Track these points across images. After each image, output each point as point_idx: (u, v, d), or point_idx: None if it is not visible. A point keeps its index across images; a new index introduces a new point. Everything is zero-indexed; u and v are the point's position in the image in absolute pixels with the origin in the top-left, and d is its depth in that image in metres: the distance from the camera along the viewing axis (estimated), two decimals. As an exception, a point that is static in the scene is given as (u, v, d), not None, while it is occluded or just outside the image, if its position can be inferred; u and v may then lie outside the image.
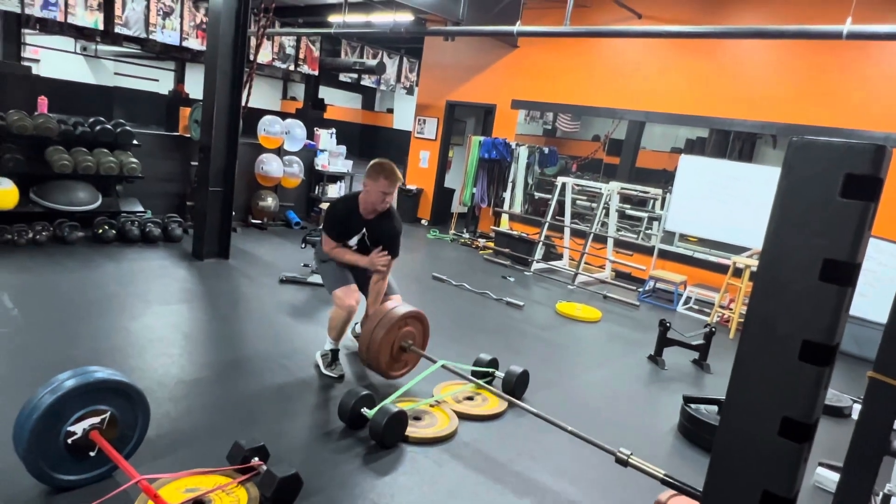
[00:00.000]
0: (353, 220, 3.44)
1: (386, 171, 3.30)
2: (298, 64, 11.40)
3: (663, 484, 2.32)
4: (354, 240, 3.51)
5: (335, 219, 3.49)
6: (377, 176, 3.30)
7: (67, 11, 8.33)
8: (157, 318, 4.12)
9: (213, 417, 2.90)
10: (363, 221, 3.44)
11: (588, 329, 5.31)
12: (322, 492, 2.39)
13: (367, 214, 3.42)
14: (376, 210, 3.39)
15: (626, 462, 2.44)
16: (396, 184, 3.34)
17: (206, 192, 5.64)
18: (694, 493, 2.20)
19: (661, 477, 2.32)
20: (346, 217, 3.45)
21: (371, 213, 3.41)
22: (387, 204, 3.38)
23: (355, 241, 3.51)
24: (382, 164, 3.33)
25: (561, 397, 3.70)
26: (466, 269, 6.92)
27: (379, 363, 3.31)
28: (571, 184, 7.46)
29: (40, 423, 2.06)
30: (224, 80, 5.51)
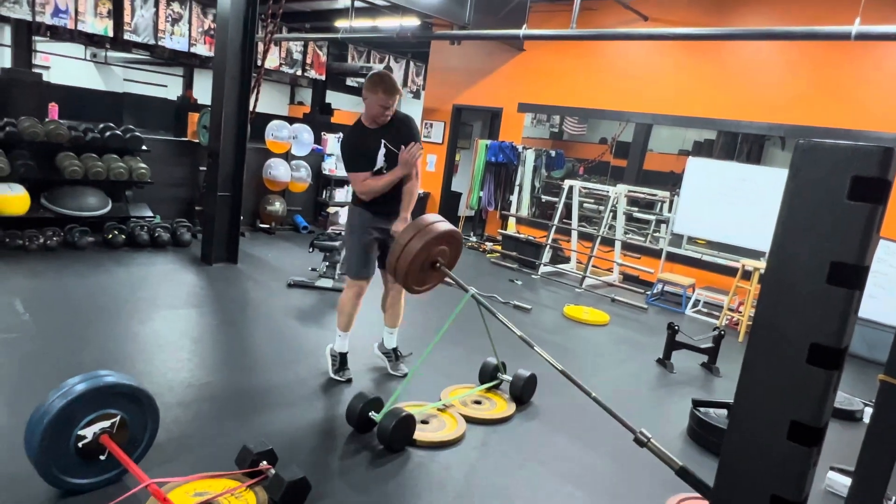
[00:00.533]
0: (368, 139, 3.29)
1: (385, 84, 3.17)
2: (306, 69, 11.46)
3: (678, 475, 2.28)
4: (380, 157, 3.31)
5: (353, 147, 3.33)
6: (375, 89, 3.16)
7: (77, 19, 8.42)
8: (166, 322, 4.15)
9: (221, 421, 2.92)
10: (377, 134, 3.29)
11: (596, 332, 5.30)
12: (330, 496, 2.40)
13: (373, 125, 3.29)
14: (380, 122, 3.27)
15: (643, 443, 2.38)
16: (395, 96, 3.20)
17: (215, 196, 5.68)
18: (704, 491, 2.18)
19: (679, 467, 2.28)
20: (360, 141, 3.30)
21: (377, 125, 3.29)
22: (387, 116, 3.25)
23: (381, 157, 3.31)
24: (382, 76, 3.21)
25: (569, 401, 3.68)
26: (473, 273, 6.92)
27: (406, 274, 3.03)
28: (579, 187, 7.45)
29: (51, 428, 2.08)
30: (232, 85, 5.55)
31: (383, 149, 3.30)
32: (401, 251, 3.00)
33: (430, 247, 3.04)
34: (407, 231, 3.04)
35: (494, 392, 3.57)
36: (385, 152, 3.30)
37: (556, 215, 7.42)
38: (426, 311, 5.31)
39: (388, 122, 3.29)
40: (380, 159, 3.31)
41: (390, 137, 3.31)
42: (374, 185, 3.30)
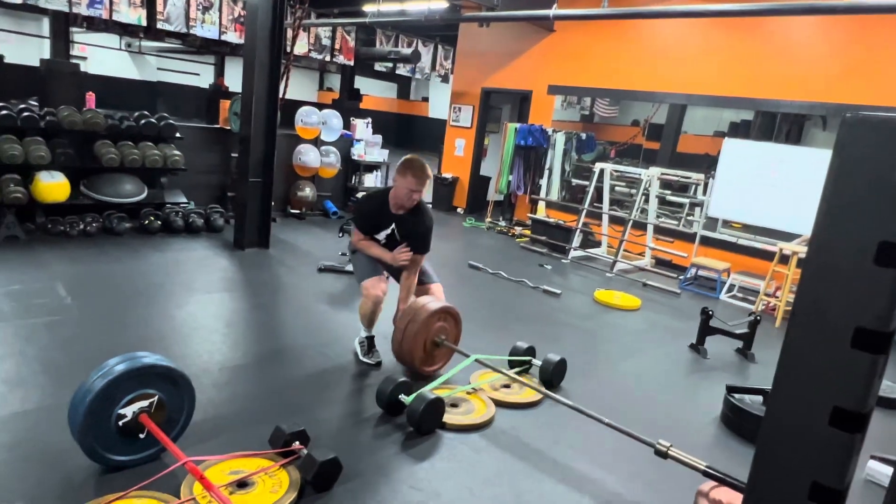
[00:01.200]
0: (382, 215, 3.44)
1: (414, 169, 3.26)
2: (334, 54, 11.48)
3: (705, 476, 2.27)
4: (384, 234, 3.50)
5: (365, 213, 3.56)
6: (405, 172, 3.27)
7: (112, 9, 8.56)
8: (201, 306, 4.24)
9: (254, 403, 2.97)
10: (392, 216, 3.43)
11: (627, 317, 5.23)
12: (361, 476, 2.43)
13: (396, 210, 3.41)
14: (404, 206, 3.37)
15: (665, 454, 2.39)
16: (425, 181, 3.30)
17: (246, 182, 5.76)
18: (736, 484, 2.15)
19: (703, 469, 2.27)
20: (376, 212, 3.46)
21: (399, 208, 3.39)
22: (414, 201, 3.35)
23: (384, 235, 3.50)
24: (412, 161, 3.29)
25: (599, 386, 3.65)
26: (503, 258, 6.89)
27: (412, 359, 3.31)
28: (610, 170, 7.33)
29: (93, 406, 2.15)
30: (262, 72, 5.59)
31: (389, 230, 3.48)
32: (402, 336, 3.28)
33: (427, 326, 3.32)
34: (403, 318, 3.33)
35: (524, 376, 3.55)
36: (389, 234, 3.49)
37: (586, 199, 7.31)
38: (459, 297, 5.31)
39: (408, 212, 3.41)
40: (383, 235, 3.50)
41: (400, 228, 3.46)
42: (366, 248, 3.52)
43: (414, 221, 3.44)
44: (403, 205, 3.36)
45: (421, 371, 3.36)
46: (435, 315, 3.36)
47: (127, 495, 2.07)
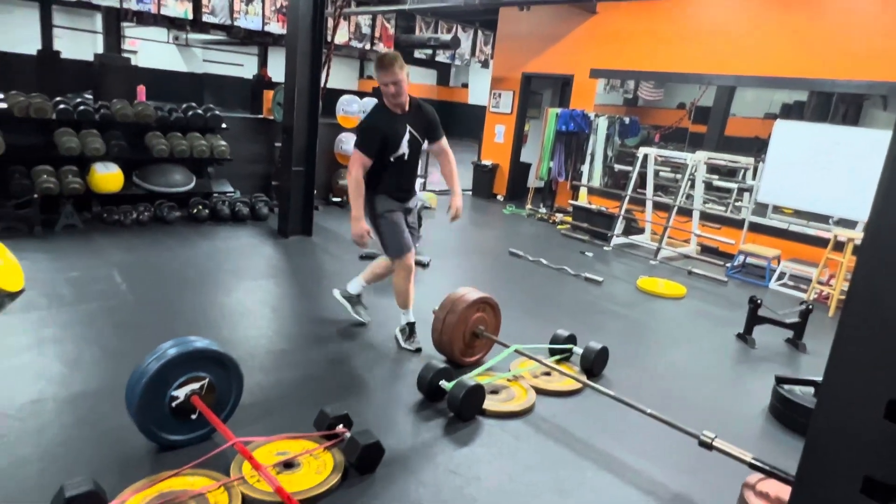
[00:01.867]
0: (396, 121, 3.30)
1: (380, 62, 3.21)
2: (374, 42, 11.53)
3: (751, 468, 2.22)
4: (405, 143, 3.32)
5: (375, 128, 3.27)
6: (376, 71, 3.24)
7: (160, 3, 8.80)
8: (247, 292, 4.36)
9: (299, 386, 3.05)
10: (403, 118, 3.33)
11: (671, 306, 5.12)
12: (403, 460, 2.47)
13: (398, 110, 3.32)
14: (401, 104, 3.29)
15: (710, 445, 2.35)
16: (390, 69, 3.16)
17: (290, 171, 5.87)
18: (784, 477, 2.09)
19: (750, 461, 2.22)
20: (386, 122, 3.28)
21: (398, 107, 3.31)
22: (401, 95, 3.23)
23: (406, 143, 3.33)
24: (379, 57, 3.24)
25: (641, 375, 3.60)
26: (543, 245, 6.84)
27: (452, 350, 3.33)
28: (654, 154, 7.15)
29: (148, 388, 2.25)
30: (304, 61, 5.66)
31: (408, 135, 3.34)
32: (441, 327, 3.30)
33: (466, 317, 3.32)
34: (442, 309, 3.34)
35: (565, 364, 3.54)
36: (409, 139, 3.35)
37: (629, 185, 7.17)
38: (499, 284, 5.31)
39: (412, 109, 3.37)
40: (404, 144, 3.33)
41: (416, 124, 3.38)
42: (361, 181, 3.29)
43: (423, 114, 3.43)
44: (398, 102, 3.27)
45: (461, 362, 3.38)
46: (473, 306, 3.36)
47: (180, 473, 2.16)
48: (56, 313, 3.58)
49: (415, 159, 3.46)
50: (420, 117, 3.40)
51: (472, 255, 6.46)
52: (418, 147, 3.42)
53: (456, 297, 3.38)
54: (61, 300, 3.77)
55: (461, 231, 7.57)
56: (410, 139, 3.35)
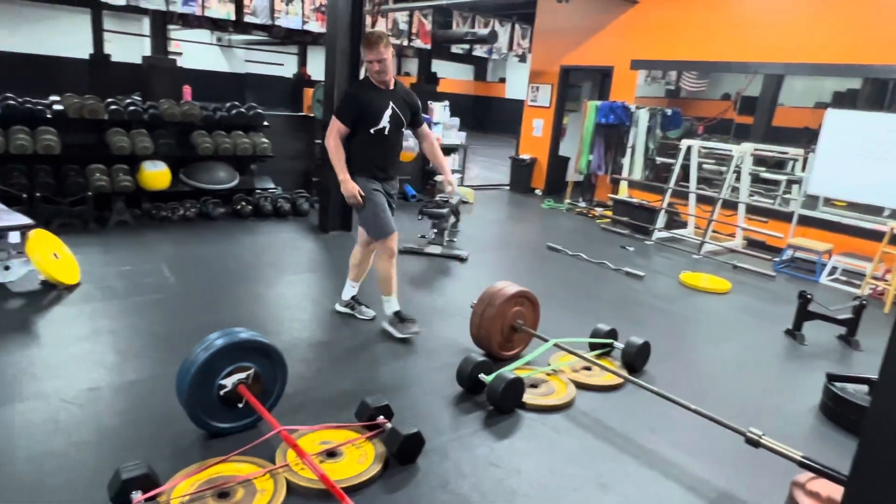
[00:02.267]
0: (377, 94, 3.37)
1: (366, 41, 3.27)
2: (411, 38, 11.56)
3: (801, 466, 2.16)
4: (386, 116, 3.39)
5: (356, 98, 3.37)
6: (363, 49, 3.33)
7: (204, 5, 9.03)
8: (289, 286, 4.45)
9: (340, 377, 3.11)
10: (385, 94, 3.39)
11: (715, 301, 5.00)
12: (442, 451, 2.49)
13: (382, 85, 3.38)
14: (384, 81, 3.37)
15: (757, 443, 2.29)
16: (376, 47, 3.24)
17: (329, 168, 5.93)
18: (836, 476, 2.02)
19: (799, 459, 2.16)
20: (369, 95, 3.36)
21: (382, 83, 3.38)
22: (385, 73, 3.32)
23: (387, 117, 3.39)
24: (367, 35, 3.30)
25: (684, 371, 3.53)
26: (583, 239, 6.76)
27: (490, 343, 3.33)
28: (697, 146, 6.98)
29: (197, 377, 2.33)
30: (343, 59, 5.73)
31: (390, 110, 3.40)
32: (479, 321, 3.31)
33: (504, 311, 3.32)
34: (480, 303, 3.35)
35: (605, 359, 3.50)
36: (391, 114, 3.41)
37: (671, 178, 7.02)
38: (538, 279, 5.28)
39: (396, 88, 3.44)
40: (385, 118, 3.38)
41: (398, 102, 3.44)
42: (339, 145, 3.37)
43: (407, 96, 3.50)
44: (382, 80, 3.35)
45: (500, 356, 3.37)
46: (511, 300, 3.35)
47: (228, 459, 2.23)
48: (110, 305, 3.73)
49: (396, 139, 3.51)
50: (404, 98, 3.48)
51: (510, 249, 6.43)
52: (399, 125, 3.47)
53: (494, 291, 3.37)
54: (114, 293, 3.93)
55: (499, 225, 7.55)
56: (392, 115, 3.41)
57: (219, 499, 2.06)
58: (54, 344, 3.18)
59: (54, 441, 2.35)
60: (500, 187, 10.03)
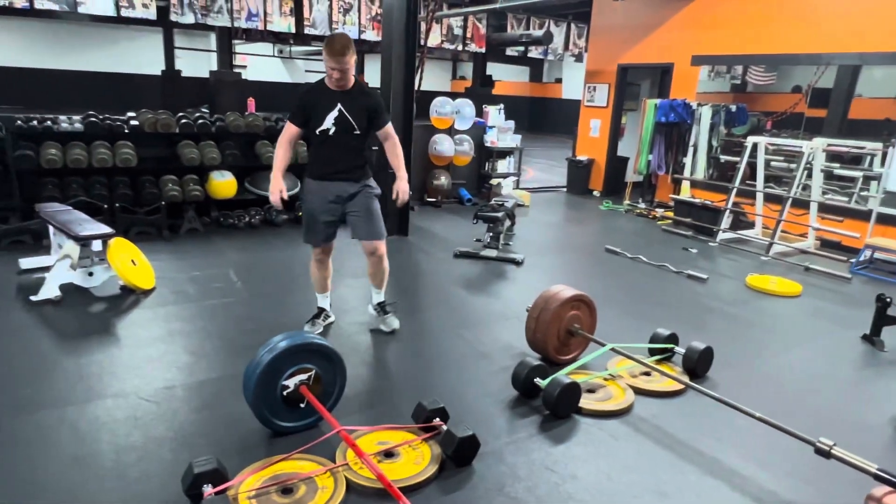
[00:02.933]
0: (324, 94, 3.26)
1: (331, 46, 3.11)
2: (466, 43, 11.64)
3: (877, 479, 2.05)
4: (331, 118, 3.25)
5: (302, 98, 3.34)
6: (324, 50, 3.15)
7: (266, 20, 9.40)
8: (349, 290, 4.57)
9: (398, 380, 3.17)
10: (335, 95, 3.25)
11: (785, 304, 4.78)
12: (498, 454, 2.50)
13: (336, 87, 3.25)
14: (341, 85, 3.23)
15: (828, 454, 2.19)
16: (340, 58, 3.10)
17: (386, 174, 6.05)
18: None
19: (874, 472, 2.04)
20: (316, 93, 3.29)
21: (339, 87, 3.25)
22: (344, 80, 3.20)
23: (332, 119, 3.25)
24: (331, 38, 3.14)
25: (750, 377, 3.40)
26: (643, 241, 6.60)
27: (546, 347, 3.31)
28: (765, 143, 6.69)
29: (262, 378, 2.43)
30: (398, 67, 5.84)
31: (336, 112, 3.25)
32: (535, 325, 3.29)
33: (560, 315, 3.29)
34: (535, 307, 3.32)
35: (665, 364, 3.41)
36: (337, 115, 3.25)
37: (737, 176, 6.76)
38: (595, 282, 5.21)
39: (354, 90, 3.28)
40: (329, 119, 3.25)
41: (348, 104, 3.26)
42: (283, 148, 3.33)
43: (364, 99, 3.33)
44: (334, 84, 3.22)
45: (556, 360, 3.35)
46: (567, 304, 3.32)
47: (291, 457, 2.33)
48: (182, 308, 3.95)
49: (345, 140, 3.32)
50: (359, 101, 3.30)
51: (567, 252, 6.36)
52: (348, 128, 3.28)
53: (549, 294, 3.36)
54: (186, 297, 4.15)
55: (555, 228, 7.48)
56: (338, 117, 3.25)
57: (283, 495, 2.15)
58: (133, 345, 3.40)
59: (134, 436, 2.51)
60: (557, 189, 9.93)
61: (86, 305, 3.94)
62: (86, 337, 3.48)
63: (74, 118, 5.74)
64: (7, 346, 3.28)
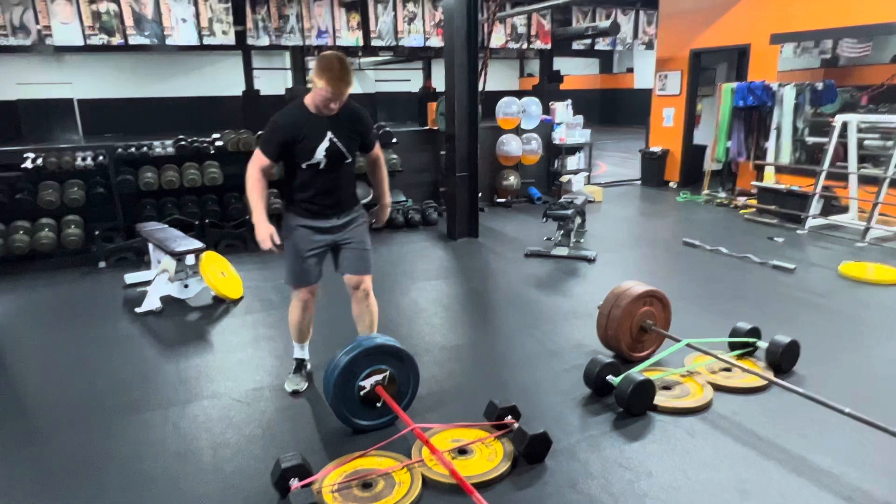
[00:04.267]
0: (309, 123, 2.70)
1: (332, 72, 2.55)
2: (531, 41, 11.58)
3: None
4: (321, 151, 2.73)
5: (283, 128, 2.70)
6: (321, 75, 2.56)
7: (335, 36, 9.77)
8: (421, 293, 4.69)
9: (470, 379, 3.24)
10: (323, 121, 2.71)
11: (884, 293, 4.45)
12: (570, 451, 2.52)
13: (321, 112, 2.70)
14: (330, 110, 2.69)
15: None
16: (345, 87, 2.59)
17: (454, 177, 6.17)
18: None
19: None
20: (297, 121, 2.70)
21: (325, 110, 2.69)
22: (332, 111, 2.67)
23: (322, 152, 2.74)
24: (331, 61, 2.57)
25: (842, 373, 3.21)
26: (723, 232, 6.33)
27: (619, 345, 3.28)
28: (856, 121, 6.25)
29: (339, 379, 2.57)
30: (461, 72, 5.92)
31: (326, 143, 2.73)
32: (606, 322, 3.27)
33: (631, 312, 3.25)
34: (605, 304, 3.29)
35: (747, 359, 3.28)
36: (328, 146, 2.73)
37: (825, 158, 6.35)
38: (672, 277, 5.08)
39: (338, 115, 2.74)
40: (319, 152, 2.73)
41: (338, 131, 2.75)
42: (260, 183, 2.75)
43: (353, 121, 2.81)
44: (322, 110, 2.68)
45: (630, 357, 3.30)
46: (639, 300, 3.27)
47: (369, 453, 2.45)
48: (268, 315, 4.20)
49: (339, 170, 2.84)
50: (348, 124, 2.79)
51: (642, 247, 6.21)
52: (340, 157, 2.79)
53: (620, 291, 3.32)
54: (271, 304, 4.41)
55: (629, 223, 7.31)
56: (330, 147, 2.74)
57: (363, 489, 2.27)
58: (225, 350, 3.66)
59: (228, 433, 2.72)
60: (631, 183, 9.68)
61: (183, 315, 4.28)
62: (184, 344, 3.79)
63: (167, 143, 6.21)
64: (117, 354, 3.63)
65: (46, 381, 3.31)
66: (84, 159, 5.80)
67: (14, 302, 4.58)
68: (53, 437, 2.73)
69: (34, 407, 3.04)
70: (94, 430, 2.77)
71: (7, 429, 2.80)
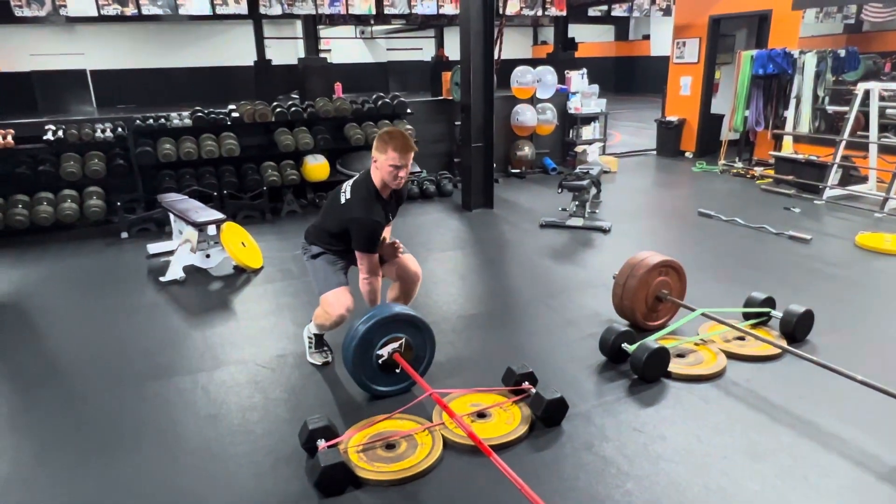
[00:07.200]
0: (383, 213, 2.86)
1: (395, 140, 2.69)
2: (546, 7, 11.36)
3: None
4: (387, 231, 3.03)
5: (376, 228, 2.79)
6: (385, 147, 2.69)
7: (348, 4, 9.67)
8: (438, 263, 4.75)
9: (487, 346, 3.32)
10: (388, 205, 2.89)
11: (900, 264, 4.45)
12: (586, 416, 2.59)
13: (385, 193, 2.84)
14: (390, 189, 2.82)
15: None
16: (410, 154, 2.73)
17: (469, 148, 6.17)
18: None
19: None
20: (379, 215, 2.80)
21: (387, 192, 2.85)
22: (400, 181, 2.76)
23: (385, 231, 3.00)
24: (391, 133, 2.74)
25: (856, 342, 3.24)
26: (739, 203, 6.30)
27: (634, 314, 3.32)
28: (878, 89, 6.13)
29: (358, 348, 2.65)
30: (477, 40, 5.87)
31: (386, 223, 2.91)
32: (622, 291, 3.31)
33: (647, 281, 3.28)
34: (622, 274, 3.34)
35: (761, 328, 3.33)
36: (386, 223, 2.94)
37: (845, 127, 6.26)
38: (686, 247, 5.10)
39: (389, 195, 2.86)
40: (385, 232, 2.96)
41: (391, 209, 2.95)
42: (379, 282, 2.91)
43: (398, 197, 2.98)
44: (392, 185, 2.78)
45: (645, 326, 3.35)
46: (655, 270, 3.31)
47: (392, 417, 2.54)
48: (288, 285, 4.29)
49: None
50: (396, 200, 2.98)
51: (657, 217, 6.21)
52: None
53: (636, 261, 3.35)
54: (291, 274, 4.50)
55: (644, 193, 7.29)
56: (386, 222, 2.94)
57: (387, 449, 2.37)
58: (248, 318, 3.77)
59: (255, 397, 2.83)
60: (646, 153, 9.60)
61: (205, 284, 4.38)
62: (208, 312, 3.89)
63: (184, 114, 6.25)
64: (145, 321, 3.75)
65: (79, 347, 3.44)
66: (104, 131, 5.87)
67: (42, 272, 4.71)
68: (90, 401, 2.85)
69: (71, 372, 3.16)
70: (127, 394, 2.89)
71: (47, 394, 2.93)
